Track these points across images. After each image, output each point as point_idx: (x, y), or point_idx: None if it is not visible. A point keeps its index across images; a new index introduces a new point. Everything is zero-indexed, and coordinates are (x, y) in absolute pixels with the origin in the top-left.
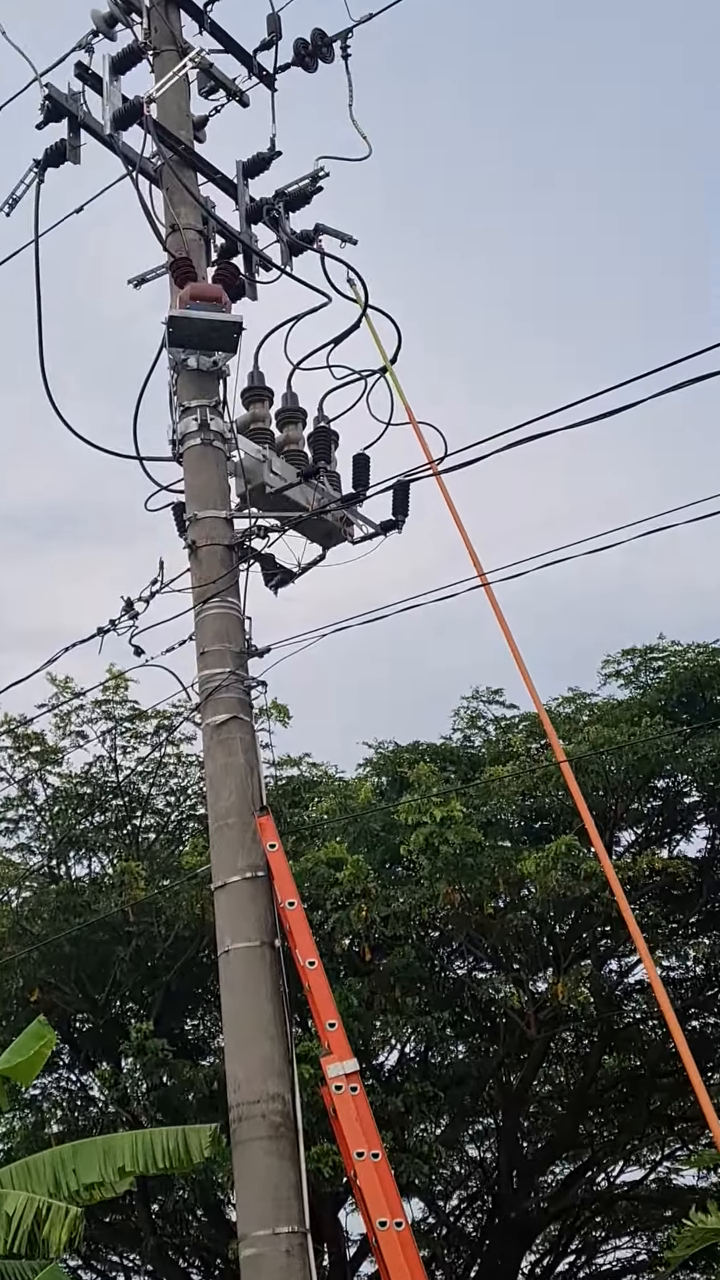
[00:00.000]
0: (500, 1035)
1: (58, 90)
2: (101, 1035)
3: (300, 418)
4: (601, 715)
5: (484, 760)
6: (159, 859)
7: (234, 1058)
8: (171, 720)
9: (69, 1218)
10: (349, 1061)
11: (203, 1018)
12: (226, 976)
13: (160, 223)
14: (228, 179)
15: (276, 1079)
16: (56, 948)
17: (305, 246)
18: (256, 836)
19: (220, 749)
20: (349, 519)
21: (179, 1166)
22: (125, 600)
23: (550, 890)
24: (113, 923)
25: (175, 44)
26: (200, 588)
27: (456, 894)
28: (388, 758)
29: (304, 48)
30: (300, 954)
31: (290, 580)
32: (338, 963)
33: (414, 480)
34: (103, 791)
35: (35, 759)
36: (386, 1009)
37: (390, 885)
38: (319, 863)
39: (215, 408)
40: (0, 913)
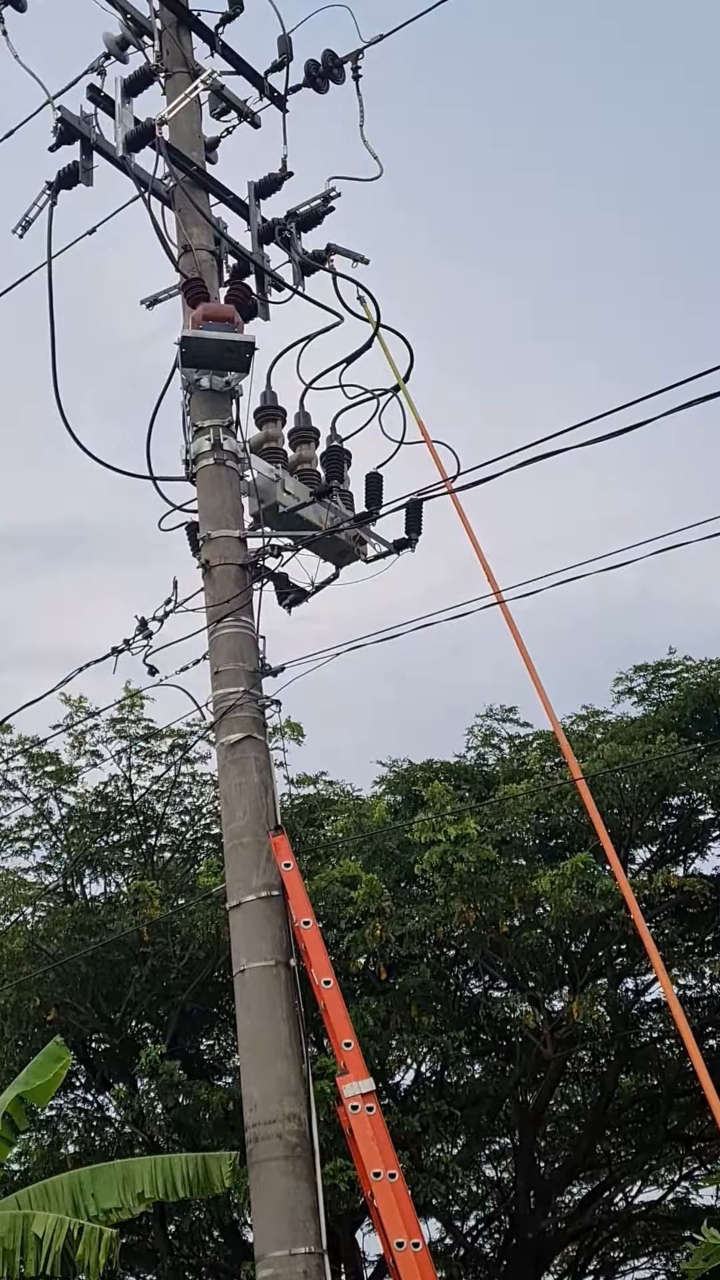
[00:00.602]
0: (516, 1054)
1: (70, 113)
2: (117, 1055)
3: (313, 437)
4: (615, 733)
5: (498, 778)
6: (174, 878)
7: (250, 1078)
8: (186, 739)
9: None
10: (365, 1081)
11: (218, 1037)
12: (242, 996)
13: (173, 244)
14: (240, 200)
15: (292, 1099)
16: (72, 967)
17: (317, 266)
18: (271, 856)
19: (235, 768)
20: (362, 538)
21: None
22: (139, 620)
23: (565, 908)
24: (128, 942)
25: (187, 66)
26: (214, 607)
27: (471, 912)
28: (402, 776)
29: (315, 69)
30: (316, 973)
31: (304, 599)
32: (353, 982)
33: (427, 499)
34: (118, 811)
35: (50, 778)
36: (402, 1028)
37: (405, 904)
38: (334, 881)
39: (228, 427)
40: (16, 932)
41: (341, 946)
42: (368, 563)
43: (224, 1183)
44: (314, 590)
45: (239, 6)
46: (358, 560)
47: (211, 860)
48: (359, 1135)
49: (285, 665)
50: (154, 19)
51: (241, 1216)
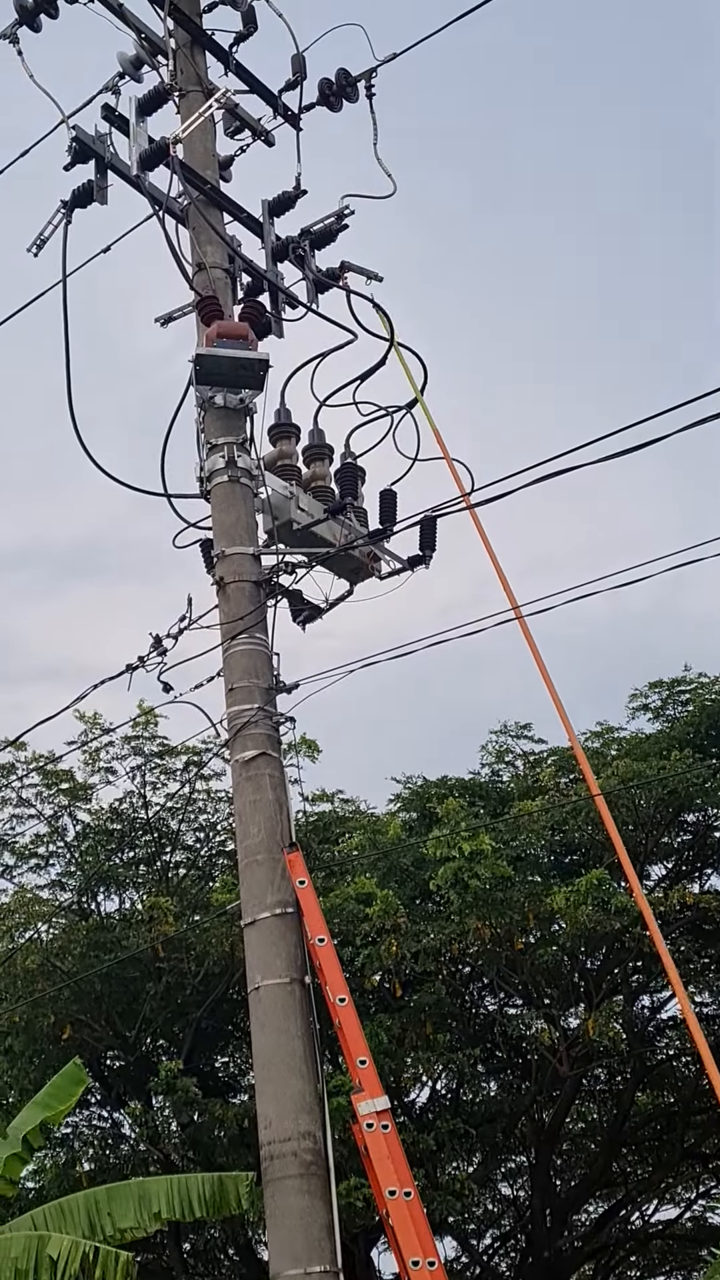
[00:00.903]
0: (532, 1072)
1: (85, 132)
2: (132, 1072)
3: (327, 454)
4: (630, 749)
5: (513, 795)
6: (189, 895)
7: (264, 1095)
8: (200, 756)
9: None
10: (380, 1099)
11: (233, 1054)
12: (257, 1013)
13: (187, 262)
14: (254, 218)
15: (307, 1117)
16: (87, 984)
17: (331, 284)
18: (286, 873)
19: (249, 785)
20: (376, 554)
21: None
22: (154, 637)
23: (581, 925)
24: (143, 959)
25: (201, 85)
26: (228, 624)
27: (486, 929)
28: (416, 793)
29: (328, 87)
30: (330, 990)
31: (318, 616)
32: (368, 999)
33: (440, 516)
34: (132, 827)
35: (65, 795)
36: (417, 1045)
37: (420, 921)
38: (349, 898)
39: (242, 445)
40: (31, 949)
41: (356, 963)
42: (382, 579)
43: (241, 1203)
44: (328, 607)
45: (253, 26)
46: (372, 577)
47: (226, 877)
48: (374, 1153)
49: (300, 682)
50: (168, 39)
51: (257, 1235)
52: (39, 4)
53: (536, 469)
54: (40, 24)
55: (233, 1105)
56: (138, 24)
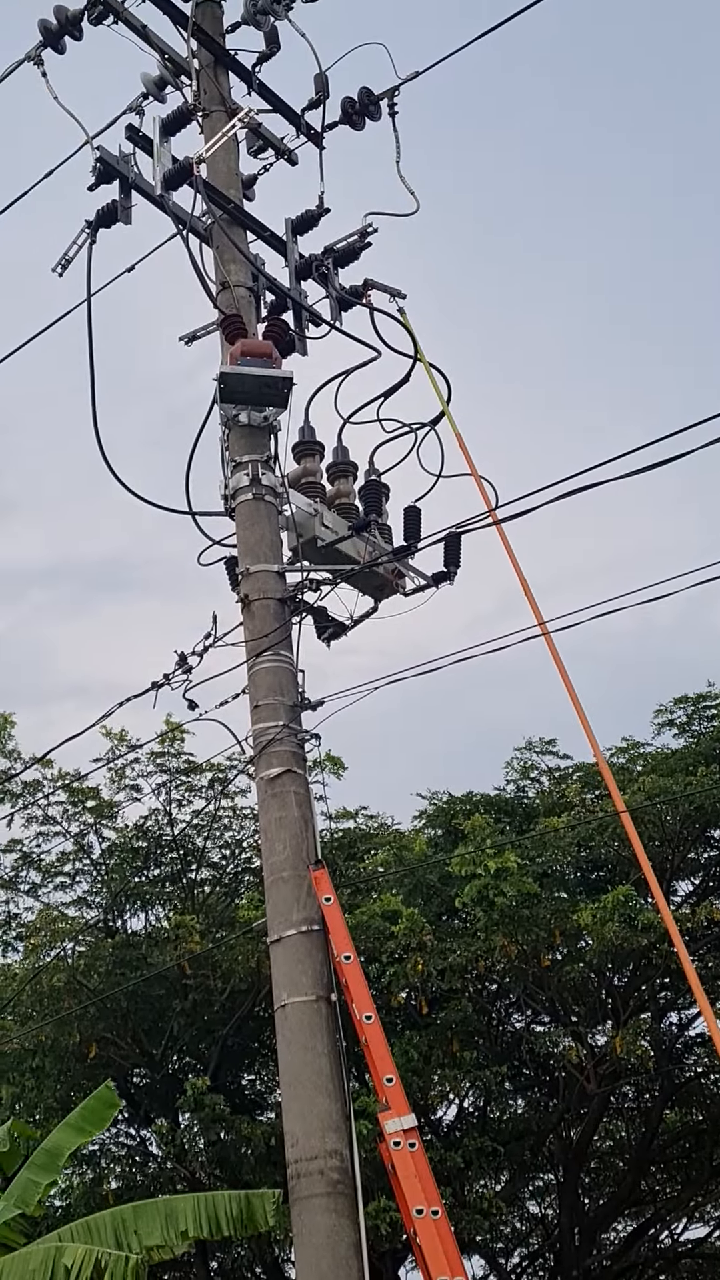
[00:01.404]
0: (559, 1089)
1: (109, 152)
2: (158, 1090)
3: (351, 471)
4: (655, 765)
5: (538, 811)
6: (214, 912)
7: (291, 1113)
8: (225, 774)
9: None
10: (407, 1117)
11: (259, 1072)
12: (283, 1031)
13: (211, 280)
14: (277, 236)
15: (334, 1135)
16: (113, 1002)
17: (354, 302)
18: (312, 890)
19: (274, 802)
20: (400, 571)
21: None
22: (179, 654)
23: (607, 942)
24: (169, 976)
25: (224, 105)
26: (253, 641)
27: (513, 946)
28: (442, 809)
29: (351, 106)
30: (357, 1008)
31: (343, 633)
32: (395, 1016)
33: (465, 532)
34: (158, 845)
35: (91, 813)
36: (444, 1063)
37: (446, 938)
38: (375, 915)
39: (266, 462)
40: (57, 967)
41: (383, 981)
42: (406, 596)
43: (268, 1220)
44: (353, 624)
45: (275, 46)
46: (396, 594)
47: (252, 894)
48: (401, 1171)
49: (325, 699)
50: (191, 59)
51: (284, 1254)
52: (63, 27)
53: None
54: (65, 46)
55: (259, 1123)
56: (161, 45)
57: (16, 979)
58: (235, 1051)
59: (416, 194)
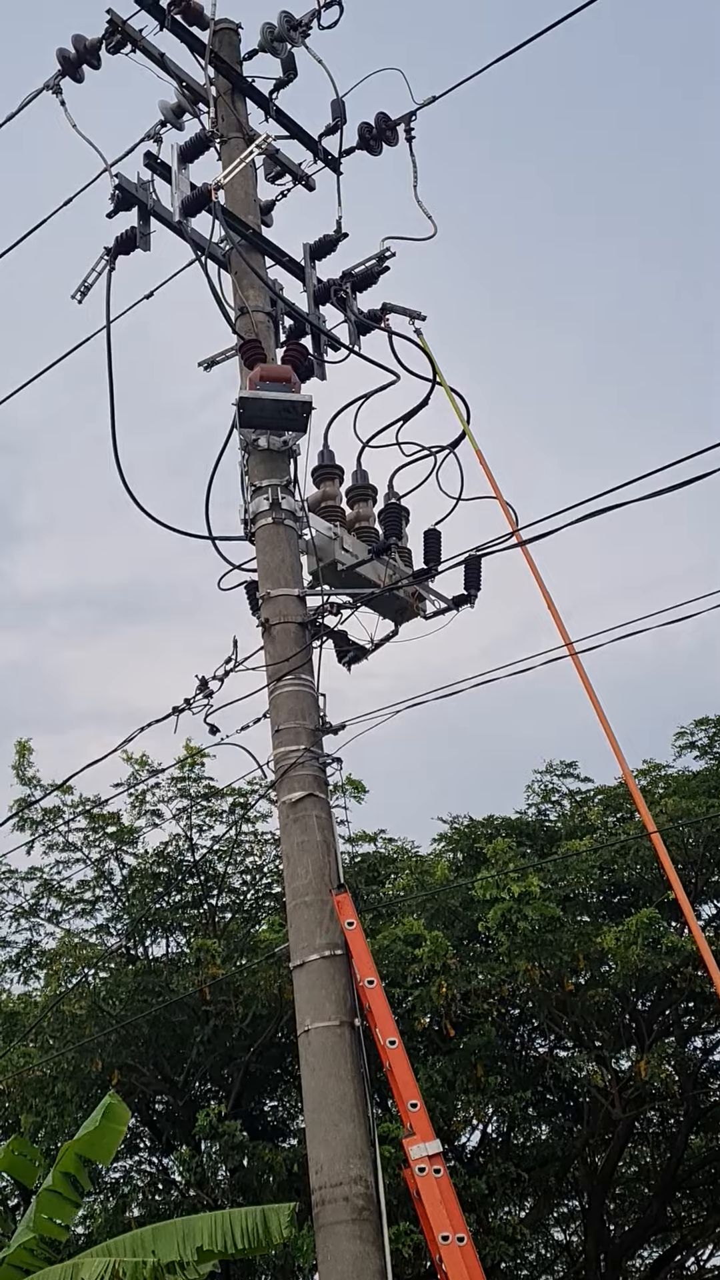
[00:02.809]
0: (584, 1115)
1: (127, 180)
2: (180, 1117)
3: (371, 495)
4: (678, 787)
5: (560, 834)
6: (236, 938)
7: (315, 1139)
8: (247, 798)
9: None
10: (432, 1143)
11: (282, 1098)
12: (306, 1056)
13: (229, 306)
14: (295, 261)
15: (358, 1161)
16: (134, 1029)
17: (373, 326)
18: (334, 914)
19: (296, 827)
20: (421, 594)
21: (258, 1247)
22: (200, 679)
23: (631, 965)
24: (190, 1003)
25: (242, 131)
26: (274, 665)
27: (536, 970)
28: (463, 833)
29: (368, 131)
30: (380, 1033)
31: (363, 657)
32: (418, 1041)
33: (485, 555)
34: (179, 871)
35: (111, 839)
36: (468, 1088)
37: (469, 962)
38: (397, 940)
39: (286, 486)
40: (79, 994)
41: (406, 1005)
42: (427, 619)
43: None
44: (373, 648)
45: (292, 72)
46: (417, 617)
47: (274, 919)
48: (426, 1198)
49: (346, 723)
50: (209, 86)
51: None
52: (82, 56)
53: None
54: (83, 75)
55: (282, 1149)
56: (179, 73)
57: (38, 1006)
58: (257, 1078)
59: (434, 218)
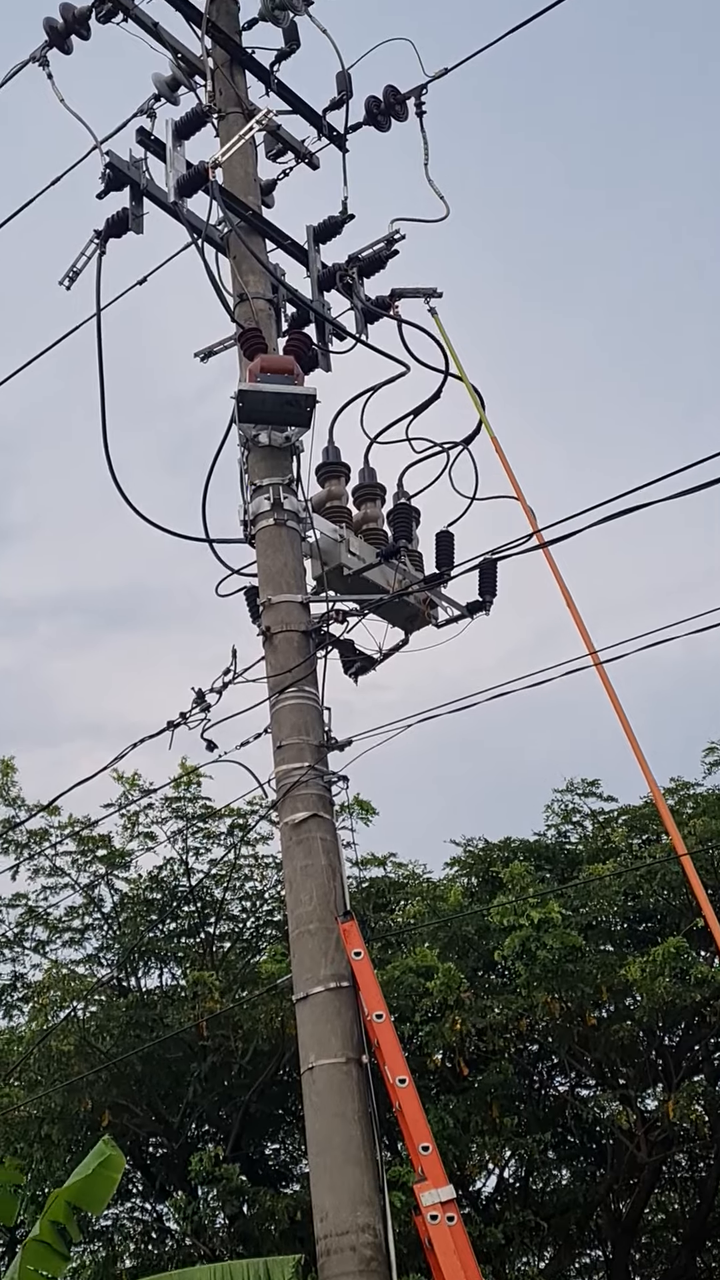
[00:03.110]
0: (608, 1158)
1: (118, 158)
2: (175, 1161)
3: (379, 494)
4: (707, 807)
5: (582, 857)
6: (235, 969)
7: (320, 1185)
8: (247, 819)
9: None
10: (444, 1189)
11: (284, 1141)
12: (310, 1096)
13: (228, 292)
14: (298, 245)
15: (366, 1208)
16: (126, 1066)
17: (381, 313)
18: (340, 944)
19: (299, 849)
20: (433, 601)
21: None
22: (196, 691)
23: (658, 998)
24: (186, 1038)
25: (241, 106)
26: (275, 677)
27: (556, 1003)
28: (478, 856)
29: (376, 106)
30: (390, 1071)
31: (371, 667)
32: (430, 1080)
33: (502, 558)
34: (174, 897)
35: (102, 863)
36: (483, 1130)
37: (485, 995)
38: (407, 971)
39: (289, 486)
40: (67, 1029)
41: (417, 1041)
42: (439, 627)
43: None
44: (382, 657)
45: (295, 43)
46: (428, 625)
47: (275, 949)
48: (439, 1248)
49: (352, 738)
50: (206, 58)
51: None
52: (70, 25)
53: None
54: (71, 46)
55: (284, 1195)
56: (174, 43)
57: (23, 1042)
58: (258, 1119)
59: (446, 198)
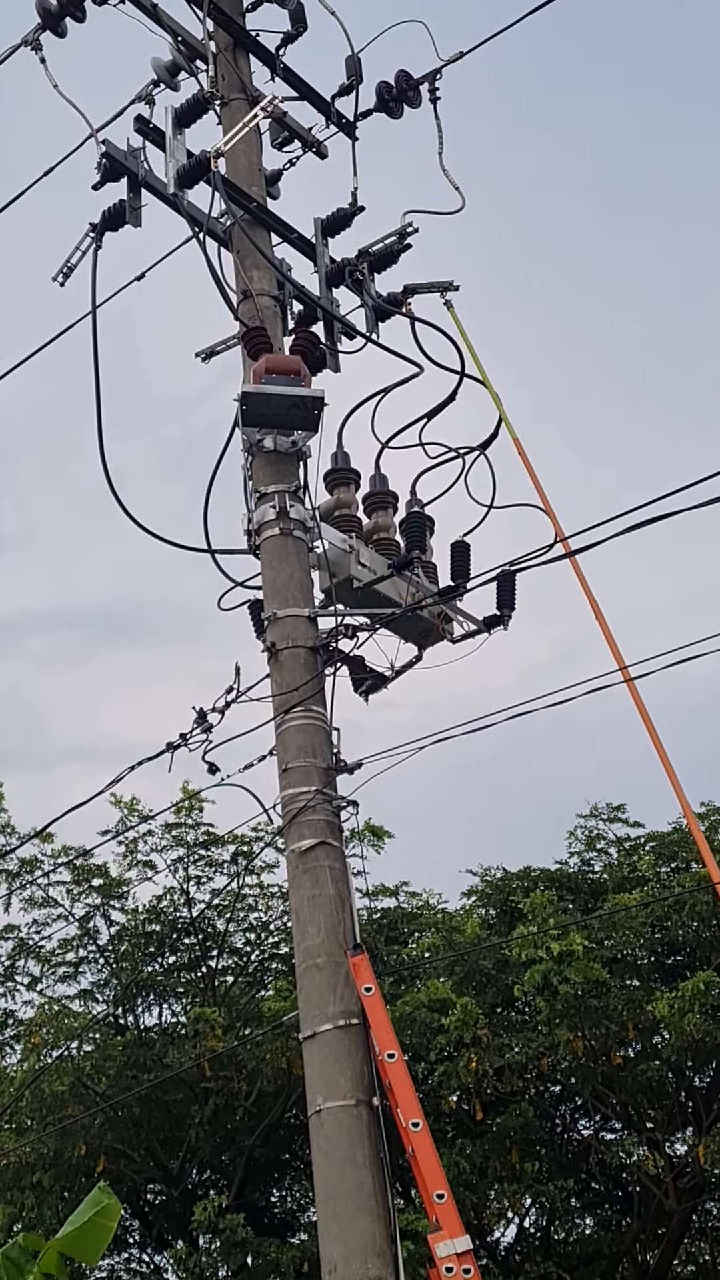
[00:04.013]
0: (634, 1206)
1: (115, 147)
2: (175, 1209)
3: (391, 502)
4: None
5: (606, 887)
6: (239, 1005)
7: (328, 1235)
8: (251, 846)
9: None
10: (460, 1239)
11: (290, 1188)
12: (318, 1140)
13: (231, 289)
14: (305, 238)
15: (377, 1259)
16: (124, 1109)
17: (393, 310)
18: (350, 978)
19: (306, 879)
20: (447, 615)
21: None
22: (197, 711)
23: (687, 1036)
24: (187, 1079)
25: (245, 92)
26: (281, 696)
27: (579, 1041)
28: (496, 886)
29: (387, 91)
30: (402, 1114)
31: (382, 685)
32: (445, 1123)
33: (521, 570)
34: (174, 929)
35: (98, 893)
36: (502, 1176)
37: (503, 1032)
38: (421, 1007)
39: (295, 493)
40: (60, 1070)
41: (431, 1082)
42: (454, 643)
43: None
44: (394, 675)
45: (301, 26)
46: (443, 640)
47: (281, 984)
48: None
49: (363, 761)
50: (208, 41)
51: None
52: (64, 7)
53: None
54: (65, 29)
55: (291, 1246)
56: (174, 26)
57: (14, 1083)
58: (263, 1164)
59: (461, 189)
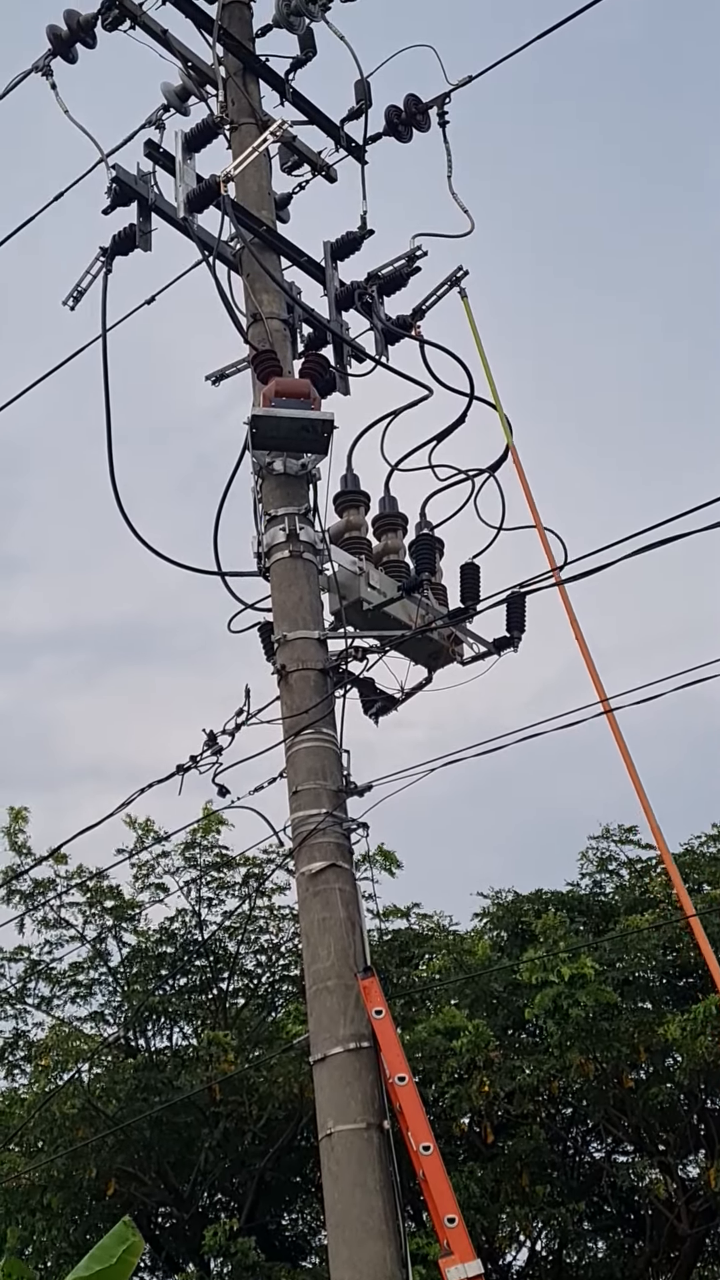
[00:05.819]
0: (646, 1230)
1: (125, 171)
2: (186, 1232)
3: (400, 524)
4: None
5: (618, 909)
6: (249, 1028)
7: (338, 1259)
8: (262, 868)
9: None
10: (472, 1263)
11: (302, 1211)
12: (329, 1164)
13: (240, 312)
14: (314, 262)
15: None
16: (134, 1132)
17: (402, 334)
18: (360, 1001)
19: (317, 901)
20: (457, 637)
21: None
22: (208, 733)
23: (700, 1059)
24: (198, 1102)
25: (254, 116)
26: (291, 718)
27: (591, 1064)
28: (507, 908)
29: (397, 115)
30: (413, 1137)
31: (393, 707)
32: (456, 1146)
33: (530, 592)
34: (185, 951)
35: (110, 914)
36: (513, 1200)
37: (514, 1055)
38: (432, 1031)
39: (305, 515)
40: (70, 1092)
41: (442, 1105)
42: (464, 665)
43: None
44: (404, 697)
45: (310, 50)
46: (453, 662)
47: (292, 1006)
48: None
49: (373, 783)
50: (217, 66)
51: None
52: (75, 33)
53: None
54: (76, 55)
55: (302, 1270)
56: (184, 52)
57: (24, 1105)
58: (274, 1188)
59: (470, 212)
